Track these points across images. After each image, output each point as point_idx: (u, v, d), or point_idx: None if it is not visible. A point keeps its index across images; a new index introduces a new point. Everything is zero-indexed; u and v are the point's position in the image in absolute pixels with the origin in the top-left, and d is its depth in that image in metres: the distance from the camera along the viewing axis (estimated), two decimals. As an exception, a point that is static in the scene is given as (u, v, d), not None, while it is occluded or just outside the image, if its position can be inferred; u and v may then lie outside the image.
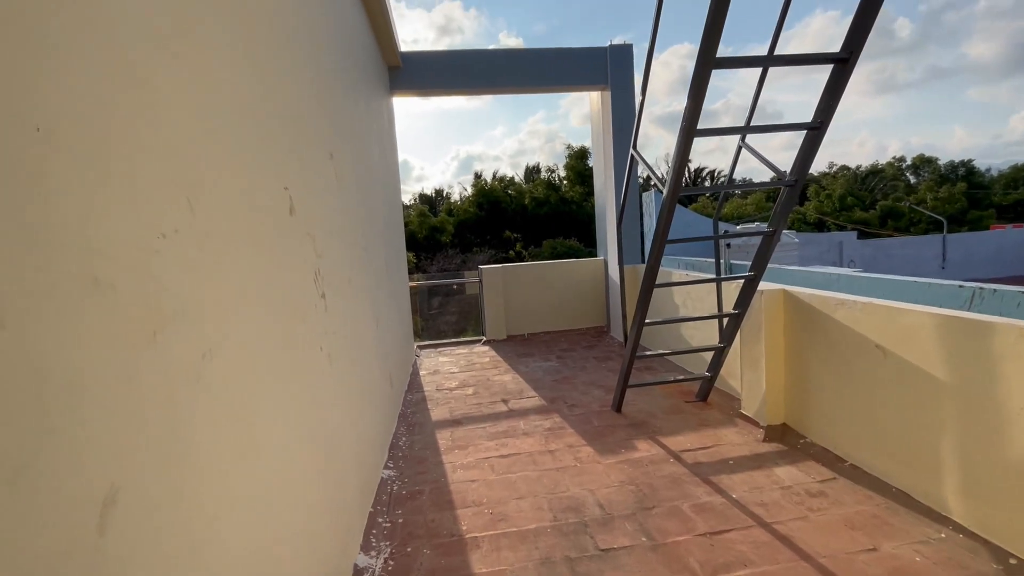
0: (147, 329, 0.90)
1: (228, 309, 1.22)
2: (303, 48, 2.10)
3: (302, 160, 1.92)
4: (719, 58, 2.24)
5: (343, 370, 2.29)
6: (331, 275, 2.20)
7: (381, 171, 4.38)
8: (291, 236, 1.72)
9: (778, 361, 3.34)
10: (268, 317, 1.47)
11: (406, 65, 5.63)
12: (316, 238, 2.00)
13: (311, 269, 1.92)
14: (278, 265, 1.57)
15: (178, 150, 1.05)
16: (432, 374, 5.44)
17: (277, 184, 1.63)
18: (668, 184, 2.67)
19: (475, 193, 25.33)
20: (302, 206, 1.85)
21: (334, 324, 2.18)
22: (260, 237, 1.45)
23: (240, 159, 1.35)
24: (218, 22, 1.30)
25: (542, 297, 6.96)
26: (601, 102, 6.20)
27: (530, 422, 3.88)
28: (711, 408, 3.90)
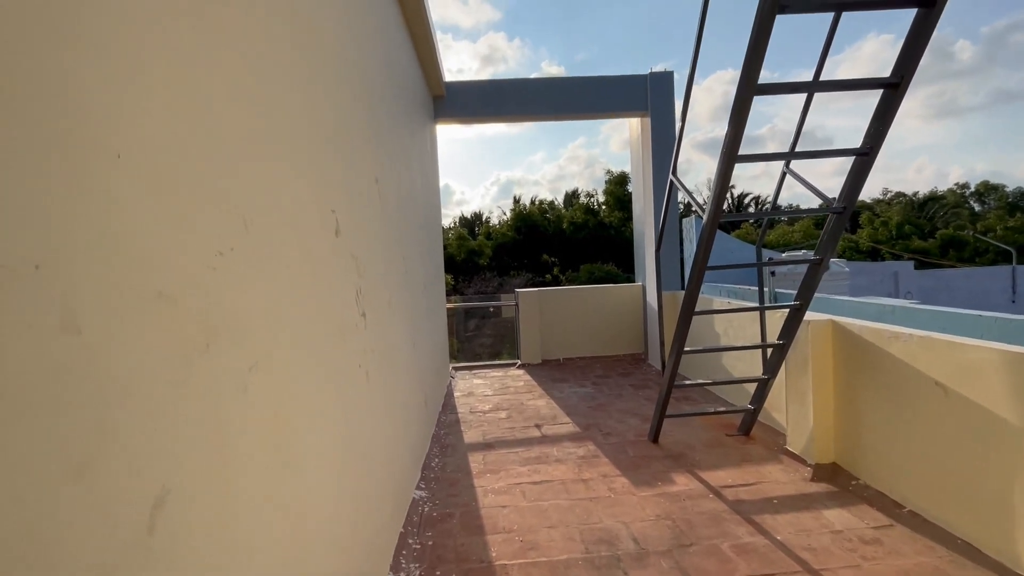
0: (200, 341, 0.96)
1: (275, 324, 1.28)
2: (355, 80, 2.22)
3: (349, 184, 2.01)
4: (761, 84, 2.22)
5: (380, 388, 2.34)
6: (372, 295, 2.27)
7: (422, 195, 4.52)
8: (336, 256, 1.80)
9: (826, 396, 3.18)
10: (311, 334, 1.53)
11: (450, 94, 5.84)
12: (359, 259, 2.08)
13: (353, 289, 1.99)
14: (323, 284, 1.64)
15: (237, 173, 1.13)
16: (466, 396, 5.45)
17: (325, 207, 1.71)
18: (708, 210, 2.63)
19: (513, 217, 25.64)
20: (347, 228, 1.94)
21: (373, 343, 2.24)
22: (307, 257, 1.52)
23: (292, 182, 1.44)
24: (277, 54, 1.40)
25: (578, 322, 6.91)
26: (641, 128, 6.22)
27: (563, 449, 3.82)
28: (754, 442, 3.73)
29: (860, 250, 19.58)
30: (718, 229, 2.69)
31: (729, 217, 2.74)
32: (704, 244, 2.73)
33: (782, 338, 3.28)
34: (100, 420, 0.71)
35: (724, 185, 2.51)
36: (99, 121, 0.74)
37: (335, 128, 1.88)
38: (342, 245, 1.87)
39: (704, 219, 2.67)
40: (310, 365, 1.51)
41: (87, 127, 0.72)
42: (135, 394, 0.78)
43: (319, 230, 1.64)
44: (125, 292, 0.77)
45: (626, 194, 23.68)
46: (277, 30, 1.41)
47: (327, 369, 1.65)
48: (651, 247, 6.12)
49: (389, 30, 3.25)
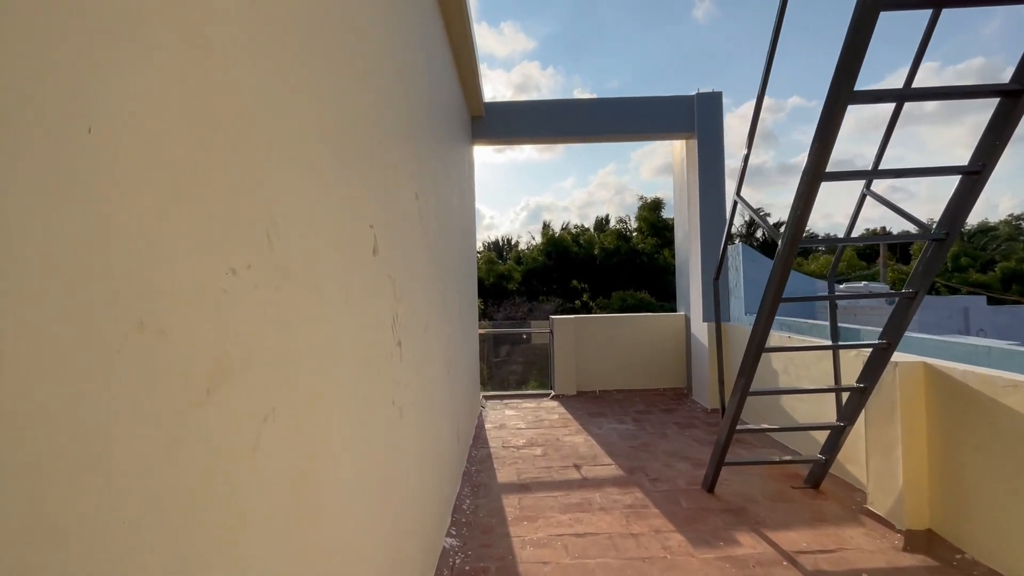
0: (199, 386, 0.72)
1: (299, 358, 1.04)
2: (397, 89, 2.05)
3: (388, 198, 1.80)
4: (858, 91, 1.93)
5: (413, 426, 2.08)
6: (409, 321, 2.04)
7: (460, 216, 4.34)
8: (372, 278, 1.58)
9: (919, 450, 2.76)
10: (341, 367, 1.29)
11: (489, 115, 5.73)
12: (396, 281, 1.86)
13: (390, 314, 1.76)
14: (357, 309, 1.42)
15: (259, 178, 0.92)
16: (498, 428, 5.14)
17: (363, 221, 1.50)
18: (785, 235, 2.32)
19: (544, 242, 25.46)
20: (385, 246, 1.72)
21: (407, 375, 1.99)
22: (340, 278, 1.29)
23: (325, 191, 1.22)
24: (315, 56, 1.21)
25: (616, 353, 6.54)
26: (686, 151, 5.95)
27: (607, 495, 3.46)
28: (825, 498, 3.29)
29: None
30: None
31: (807, 243, 2.42)
32: (779, 273, 2.41)
33: (863, 381, 2.88)
34: (27, 513, 0.47)
35: (807, 207, 2.20)
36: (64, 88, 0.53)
37: (375, 137, 1.69)
38: (380, 265, 1.65)
39: (780, 245, 2.36)
40: (338, 404, 1.27)
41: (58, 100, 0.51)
42: (101, 470, 0.55)
43: (355, 247, 1.42)
44: (89, 323, 0.55)
45: (660, 220, 23.25)
46: (320, 30, 1.22)
47: (357, 409, 1.41)
48: (696, 275, 5.78)
49: (433, 42, 3.11)
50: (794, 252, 2.33)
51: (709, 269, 5.58)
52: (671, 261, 23.11)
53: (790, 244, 2.31)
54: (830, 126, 2.01)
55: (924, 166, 2.24)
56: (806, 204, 2.21)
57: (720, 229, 5.58)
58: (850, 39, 1.85)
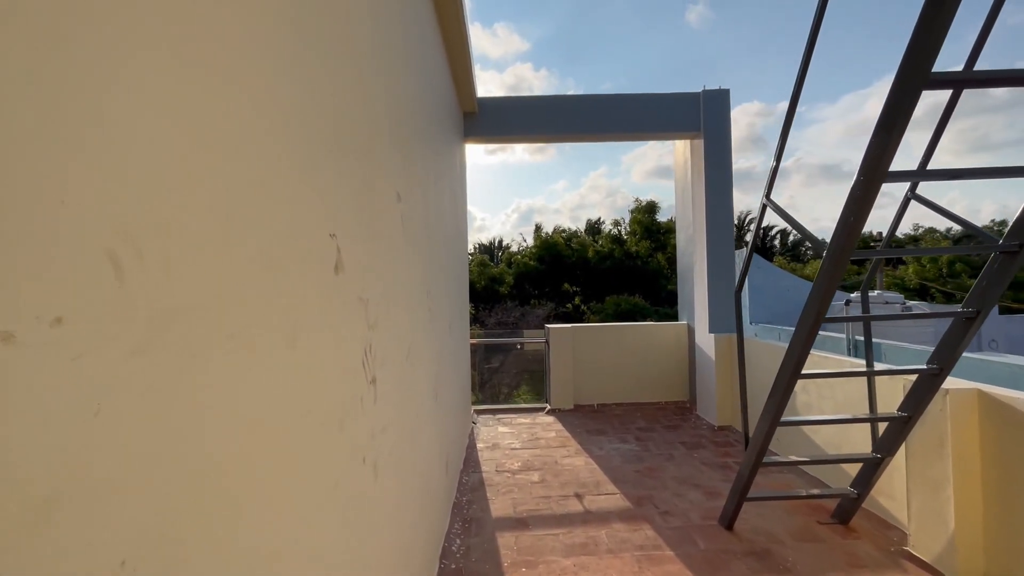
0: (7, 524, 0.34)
1: (193, 459, 0.66)
2: (374, 63, 1.67)
3: (360, 199, 1.42)
4: (937, 73, 1.59)
5: (392, 478, 1.70)
6: (386, 350, 1.66)
7: (451, 220, 3.96)
8: (334, 304, 1.19)
9: (971, 488, 2.43)
10: (287, 438, 0.91)
11: (482, 111, 5.36)
12: (370, 303, 1.48)
13: (360, 347, 1.38)
14: (309, 351, 1.03)
15: (125, 155, 0.54)
16: (491, 448, 4.76)
17: (318, 230, 1.12)
18: (834, 245, 1.98)
19: (536, 245, 25.07)
20: (354, 260, 1.34)
21: (385, 417, 1.61)
22: (280, 311, 0.91)
23: (254, 186, 0.84)
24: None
25: (615, 364, 6.19)
26: (691, 151, 5.63)
27: (614, 533, 3.09)
28: (857, 536, 2.95)
29: (907, 288, 18.35)
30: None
31: (862, 254, 2.07)
32: (824, 288, 2.07)
33: (906, 410, 2.55)
34: None
35: (862, 211, 1.86)
36: None
37: (344, 124, 1.31)
38: (345, 286, 1.27)
39: (826, 257, 2.02)
40: (284, 495, 0.89)
41: None
42: None
43: (308, 265, 1.04)
44: None
45: (654, 223, 22.97)
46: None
47: (312, 486, 1.03)
48: (701, 282, 5.45)
49: (421, 25, 2.73)
50: (844, 264, 1.98)
51: (717, 276, 5.26)
52: (665, 265, 22.88)
53: (840, 255, 1.96)
54: (899, 114, 1.67)
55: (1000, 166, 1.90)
56: (861, 209, 1.86)
57: (728, 233, 5.26)
58: (927, 14, 1.51)
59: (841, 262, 1.96)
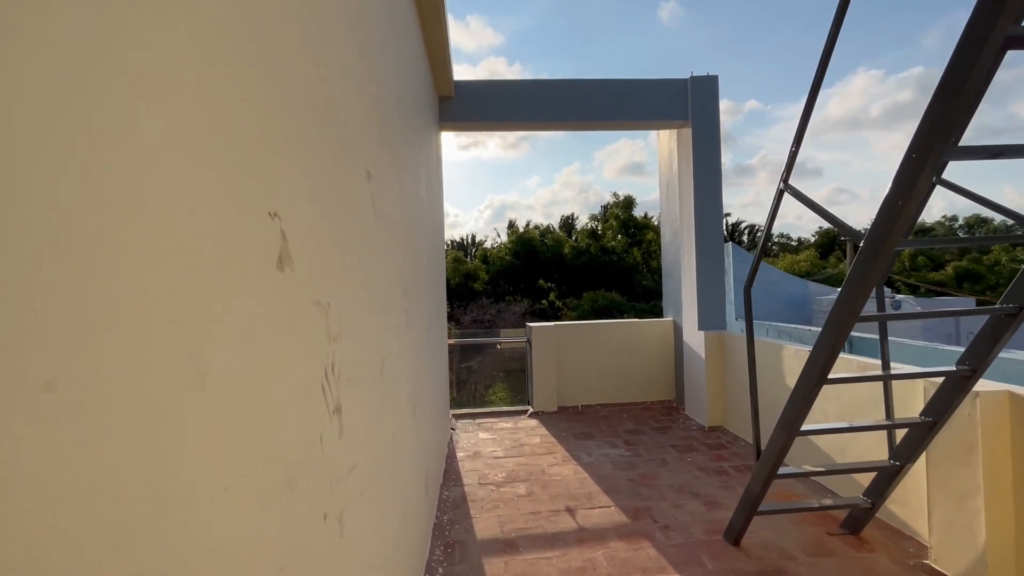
0: None
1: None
2: (347, 13, 1.31)
3: (316, 169, 1.07)
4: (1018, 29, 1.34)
5: (365, 528, 1.36)
6: (355, 366, 1.32)
7: (427, 211, 3.61)
8: (278, 314, 0.85)
9: (1003, 500, 2.24)
10: (194, 536, 0.57)
11: (459, 95, 5.00)
12: (332, 309, 1.13)
13: (318, 368, 1.04)
14: (234, 390, 0.69)
15: None
16: (472, 457, 4.43)
17: (251, 206, 0.77)
18: (874, 233, 1.73)
19: (511, 240, 24.74)
20: (307, 251, 0.99)
21: (353, 454, 1.27)
22: (186, 334, 0.57)
23: (175, 158, 0.50)
24: None
25: (600, 363, 5.95)
26: (678, 140, 5.40)
27: (613, 554, 2.81)
28: (871, 548, 2.75)
29: (876, 281, 18.83)
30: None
31: (905, 244, 1.83)
32: (860, 283, 1.81)
33: (930, 414, 2.34)
34: None
35: (910, 197, 1.61)
36: None
37: (297, 61, 0.96)
38: (295, 286, 0.93)
39: (866, 246, 1.76)
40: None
41: None
42: None
43: (231, 258, 0.70)
44: None
45: (631, 218, 22.94)
46: None
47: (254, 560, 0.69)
48: (689, 277, 5.23)
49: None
50: (887, 256, 1.73)
51: (707, 271, 5.05)
52: (640, 260, 22.91)
53: (883, 245, 1.71)
54: (968, 77, 1.41)
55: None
56: (910, 194, 1.61)
57: (717, 227, 5.06)
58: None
59: (884, 253, 1.71)
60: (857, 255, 1.83)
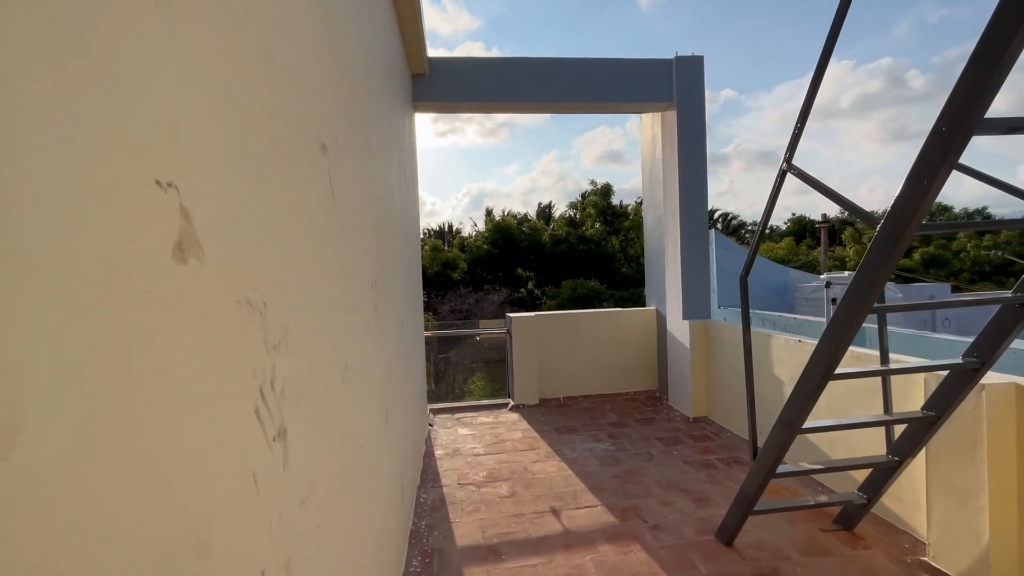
0: None
1: None
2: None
3: (236, 129, 0.83)
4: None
5: (320, 570, 1.14)
6: (306, 377, 1.09)
7: (401, 197, 3.34)
8: (177, 323, 0.61)
9: (1007, 498, 2.15)
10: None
11: (434, 73, 4.70)
12: (269, 309, 0.90)
13: (249, 388, 0.81)
14: (104, 435, 0.46)
15: None
16: (451, 455, 4.23)
17: (131, 175, 0.53)
18: (894, 215, 1.56)
19: (489, 229, 24.42)
20: (225, 236, 0.75)
21: (303, 485, 1.04)
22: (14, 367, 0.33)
23: None
24: None
25: (582, 354, 5.80)
26: (662, 123, 5.22)
27: (602, 559, 2.66)
28: (867, 546, 2.66)
29: (848, 267, 19.25)
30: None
31: (927, 229, 1.67)
32: (876, 269, 1.66)
33: (933, 408, 2.23)
34: None
35: (944, 170, 1.44)
36: None
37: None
38: (206, 281, 0.69)
39: (884, 230, 1.60)
40: None
41: None
42: None
43: (97, 249, 0.46)
44: None
45: (609, 206, 22.86)
46: None
47: None
48: (674, 265, 5.09)
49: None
50: (907, 240, 1.57)
51: (692, 259, 4.92)
52: (619, 249, 22.91)
53: (904, 228, 1.55)
54: (1011, 36, 1.24)
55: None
56: (937, 172, 1.44)
57: (702, 213, 4.92)
58: None
59: (905, 239, 1.55)
60: (873, 242, 1.67)
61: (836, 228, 24.02)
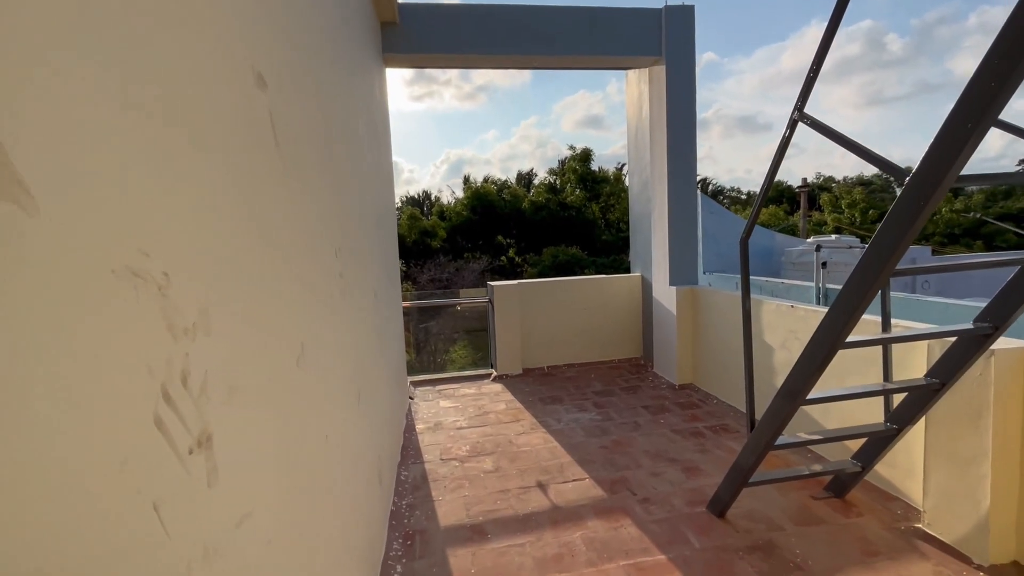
0: None
1: None
2: None
3: (117, 29, 0.58)
4: None
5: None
6: (238, 367, 0.87)
7: (373, 157, 3.05)
8: (15, 295, 0.38)
9: (1009, 467, 2.08)
10: None
11: (405, 21, 4.31)
12: (175, 281, 0.67)
13: (148, 388, 0.59)
14: None
15: None
16: (432, 429, 4.08)
17: None
18: (928, 165, 1.38)
19: (468, 196, 23.85)
20: (81, 175, 0.51)
21: (242, 497, 0.84)
22: None
23: None
24: None
25: (566, 322, 5.66)
26: (650, 80, 4.94)
27: (592, 535, 2.56)
28: (859, 512, 2.61)
29: (826, 232, 19.51)
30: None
31: (967, 181, 1.49)
32: (905, 227, 1.49)
33: (937, 375, 2.13)
34: None
35: (993, 111, 1.26)
36: None
37: None
38: (46, 242, 0.46)
39: (916, 181, 1.42)
40: None
41: None
42: None
43: None
44: None
45: (589, 172, 22.46)
46: None
47: None
48: (661, 229, 4.92)
49: None
50: (940, 195, 1.40)
51: (680, 223, 4.75)
52: (599, 215, 22.68)
53: (939, 181, 1.37)
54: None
55: None
56: (985, 113, 1.26)
57: (691, 175, 4.72)
58: None
59: (940, 189, 1.38)
60: (899, 199, 1.50)
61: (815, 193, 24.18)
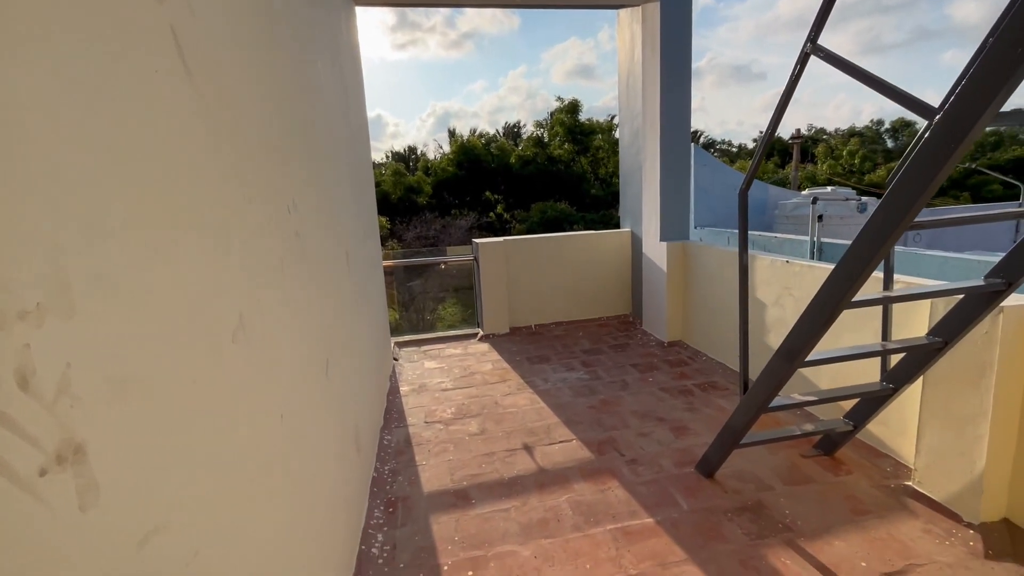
0: None
1: None
2: None
3: None
4: None
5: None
6: (123, 356, 0.69)
7: (341, 105, 2.77)
8: None
9: (1007, 427, 2.02)
10: None
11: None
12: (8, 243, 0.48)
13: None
14: None
15: None
16: (417, 391, 3.99)
17: None
18: (957, 104, 1.20)
19: (454, 151, 23.08)
20: None
21: (127, 523, 0.68)
22: None
23: None
24: None
25: (553, 279, 5.51)
26: (643, 20, 4.59)
27: (578, 499, 2.51)
28: (848, 470, 2.59)
29: (818, 183, 19.29)
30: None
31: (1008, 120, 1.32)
32: (930, 173, 1.32)
33: (940, 334, 2.03)
34: None
35: (1016, 67, 1.07)
36: None
37: None
38: None
39: (943, 121, 1.25)
40: None
41: None
42: None
43: None
44: None
45: (577, 124, 21.75)
46: None
47: None
48: (652, 183, 4.71)
49: None
50: (975, 134, 1.22)
51: (672, 176, 4.54)
52: (588, 169, 22.19)
53: (976, 118, 1.19)
54: None
55: None
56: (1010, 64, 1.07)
57: (684, 125, 4.47)
58: None
59: (976, 128, 1.20)
60: (925, 141, 1.32)
61: (807, 145, 23.73)
